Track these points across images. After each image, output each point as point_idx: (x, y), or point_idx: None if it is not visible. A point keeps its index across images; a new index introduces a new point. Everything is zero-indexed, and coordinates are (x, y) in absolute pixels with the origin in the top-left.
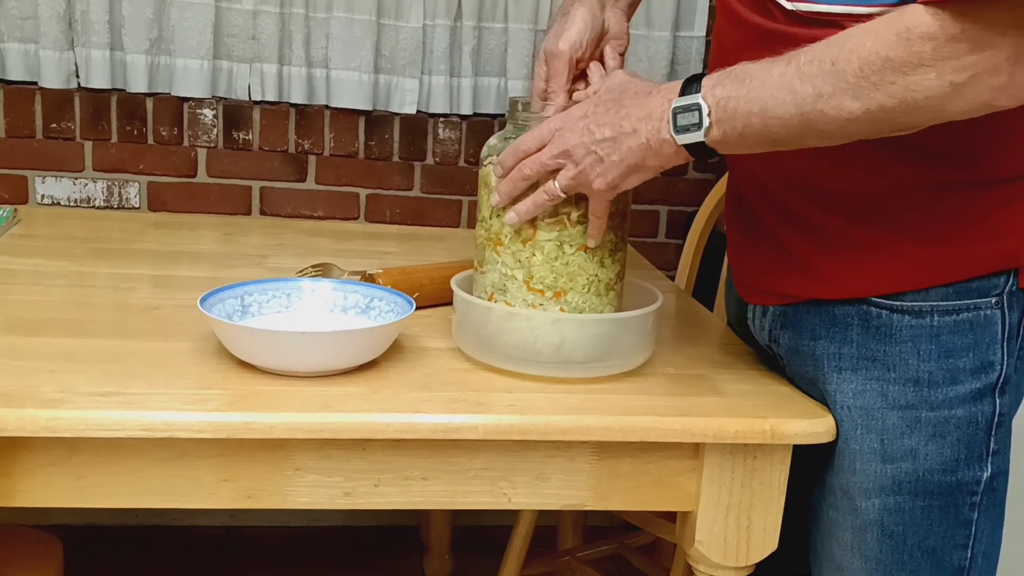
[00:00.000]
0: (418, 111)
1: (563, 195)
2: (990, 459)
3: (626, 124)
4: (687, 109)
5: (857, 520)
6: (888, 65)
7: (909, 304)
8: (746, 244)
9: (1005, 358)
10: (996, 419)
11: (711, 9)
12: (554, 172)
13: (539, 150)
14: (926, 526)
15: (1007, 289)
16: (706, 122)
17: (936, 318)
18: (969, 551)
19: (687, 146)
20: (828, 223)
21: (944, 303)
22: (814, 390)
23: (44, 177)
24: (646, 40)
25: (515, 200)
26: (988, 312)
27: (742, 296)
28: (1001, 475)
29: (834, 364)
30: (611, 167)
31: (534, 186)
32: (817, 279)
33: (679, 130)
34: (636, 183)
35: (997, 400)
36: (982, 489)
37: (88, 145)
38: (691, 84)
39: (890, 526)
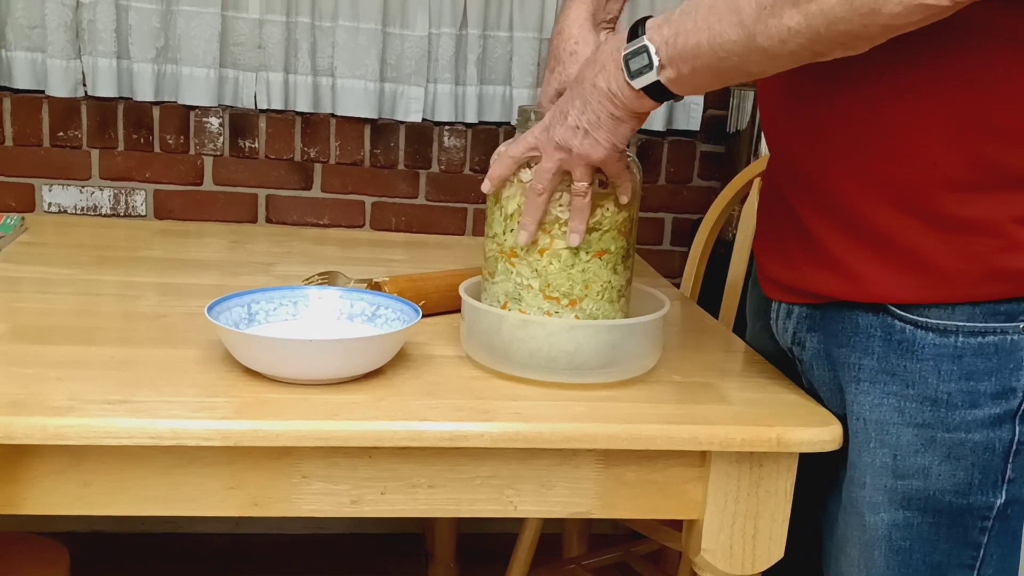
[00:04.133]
0: (423, 119)
1: (587, 185)
2: (1005, 486)
3: (587, 85)
4: (636, 53)
5: (865, 536)
6: None
7: (934, 321)
8: (775, 236)
9: None
10: (1015, 446)
11: None
12: (558, 173)
13: (530, 158)
14: (932, 541)
15: None
16: (655, 61)
17: (960, 338)
18: (976, 572)
19: (647, 91)
20: (865, 217)
21: (970, 324)
22: (835, 396)
23: (51, 185)
24: None
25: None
26: (1015, 337)
27: (766, 292)
28: (1017, 504)
29: (853, 374)
30: (596, 128)
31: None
32: (843, 276)
33: (633, 75)
34: (629, 134)
35: (1017, 428)
36: (994, 515)
37: (95, 153)
38: (636, 28)
39: (897, 541)
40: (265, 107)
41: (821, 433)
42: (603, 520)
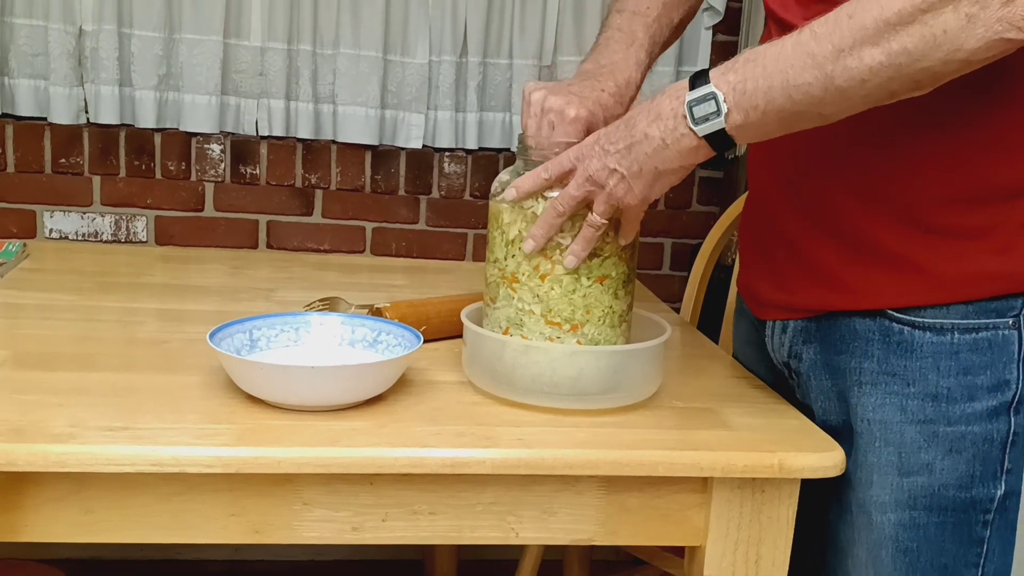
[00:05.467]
0: (424, 145)
1: (605, 222)
2: (1004, 477)
3: (636, 132)
4: (702, 100)
5: (872, 535)
6: (908, 5)
7: (930, 321)
8: (764, 259)
9: (1021, 377)
10: (1011, 437)
11: (714, 44)
12: (583, 202)
13: (559, 178)
14: (939, 543)
15: None
16: (724, 108)
17: (956, 335)
18: (980, 570)
19: (708, 139)
20: (863, 231)
21: (964, 321)
22: (836, 404)
23: (53, 211)
24: (649, 75)
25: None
26: (1006, 332)
27: (757, 315)
28: (1013, 495)
29: (855, 379)
30: (634, 180)
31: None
32: (840, 290)
33: (698, 121)
34: (666, 188)
35: (1012, 419)
36: (995, 507)
37: (96, 180)
38: (699, 77)
39: (904, 542)
40: (266, 134)
41: (823, 459)
42: (604, 546)
